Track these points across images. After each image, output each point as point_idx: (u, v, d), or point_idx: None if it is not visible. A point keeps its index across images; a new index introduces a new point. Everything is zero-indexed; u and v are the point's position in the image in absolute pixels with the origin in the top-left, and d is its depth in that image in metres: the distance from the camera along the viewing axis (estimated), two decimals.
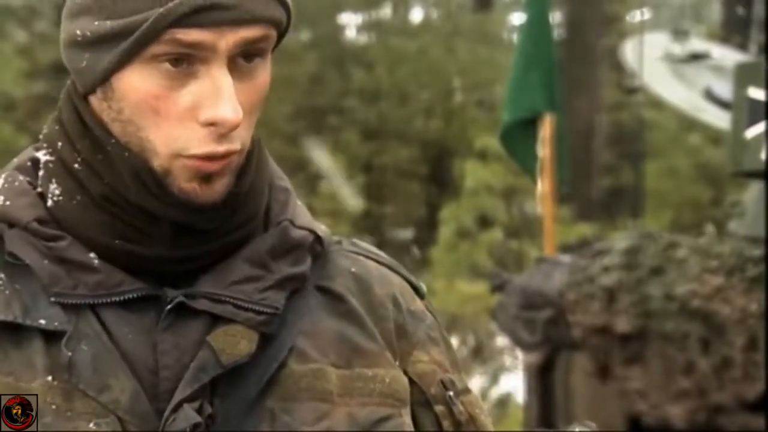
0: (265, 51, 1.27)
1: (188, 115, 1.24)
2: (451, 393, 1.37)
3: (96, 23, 1.24)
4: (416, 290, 1.42)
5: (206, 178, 1.26)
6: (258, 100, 1.28)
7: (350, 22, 18.50)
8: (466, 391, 1.40)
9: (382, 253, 1.43)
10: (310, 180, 14.71)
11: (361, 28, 18.55)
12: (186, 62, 1.23)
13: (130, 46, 1.22)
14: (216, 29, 1.22)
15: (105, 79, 1.25)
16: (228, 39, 1.23)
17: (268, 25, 1.25)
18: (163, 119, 1.24)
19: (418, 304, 1.41)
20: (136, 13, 1.22)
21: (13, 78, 14.05)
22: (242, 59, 1.25)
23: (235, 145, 1.26)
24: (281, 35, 1.30)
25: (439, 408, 1.36)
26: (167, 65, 1.23)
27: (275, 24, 1.26)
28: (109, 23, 1.23)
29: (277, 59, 1.30)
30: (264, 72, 1.28)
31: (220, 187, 1.27)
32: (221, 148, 1.25)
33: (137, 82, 1.24)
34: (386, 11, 18.59)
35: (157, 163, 1.25)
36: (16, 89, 14.39)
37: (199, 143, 1.24)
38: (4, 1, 15.89)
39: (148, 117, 1.24)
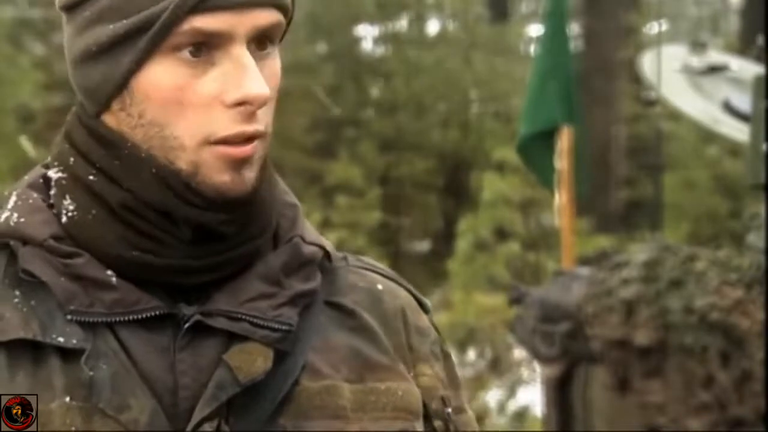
0: (276, 39, 1.28)
1: (214, 101, 1.24)
2: (450, 410, 1.37)
3: (111, 26, 1.23)
4: (422, 306, 1.42)
5: (237, 167, 1.25)
6: (274, 88, 1.28)
7: (367, 34, 18.50)
8: (462, 410, 1.41)
9: (387, 269, 1.43)
10: (326, 192, 14.70)
11: (377, 40, 18.54)
12: (205, 51, 1.24)
13: (153, 37, 1.22)
14: (233, 14, 1.22)
15: (126, 81, 1.24)
16: (245, 23, 1.23)
17: (278, 10, 1.26)
18: (188, 109, 1.24)
19: (424, 320, 1.41)
20: (153, 5, 1.22)
21: (31, 91, 14.08)
22: (255, 47, 1.26)
23: (261, 127, 1.26)
24: (287, 25, 1.31)
25: (438, 423, 1.36)
26: (187, 55, 1.23)
27: (284, 10, 1.28)
28: (125, 22, 1.23)
29: (293, 71, 1.31)
30: (276, 60, 1.29)
31: (250, 177, 1.26)
32: (250, 128, 1.25)
33: (159, 77, 1.23)
34: (403, 23, 18.58)
35: (185, 161, 1.25)
36: (35, 102, 14.42)
37: (227, 125, 1.24)
38: (21, 14, 15.94)
39: (173, 111, 1.24)
